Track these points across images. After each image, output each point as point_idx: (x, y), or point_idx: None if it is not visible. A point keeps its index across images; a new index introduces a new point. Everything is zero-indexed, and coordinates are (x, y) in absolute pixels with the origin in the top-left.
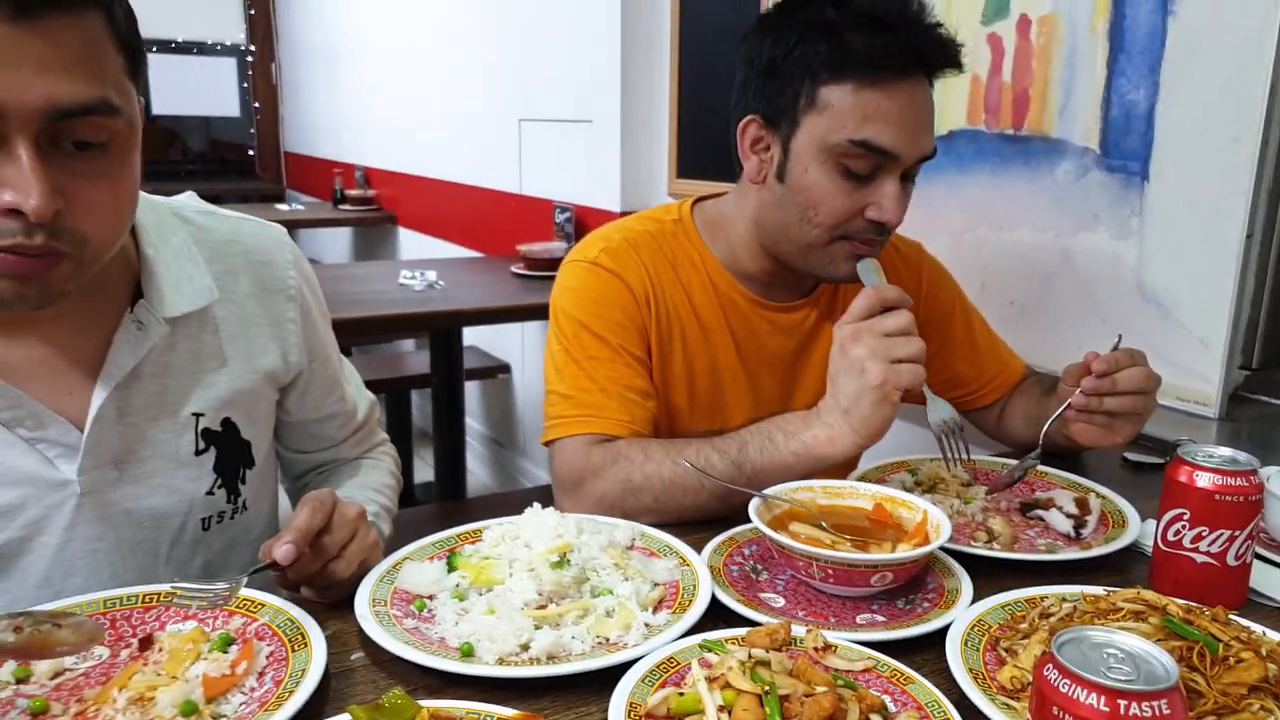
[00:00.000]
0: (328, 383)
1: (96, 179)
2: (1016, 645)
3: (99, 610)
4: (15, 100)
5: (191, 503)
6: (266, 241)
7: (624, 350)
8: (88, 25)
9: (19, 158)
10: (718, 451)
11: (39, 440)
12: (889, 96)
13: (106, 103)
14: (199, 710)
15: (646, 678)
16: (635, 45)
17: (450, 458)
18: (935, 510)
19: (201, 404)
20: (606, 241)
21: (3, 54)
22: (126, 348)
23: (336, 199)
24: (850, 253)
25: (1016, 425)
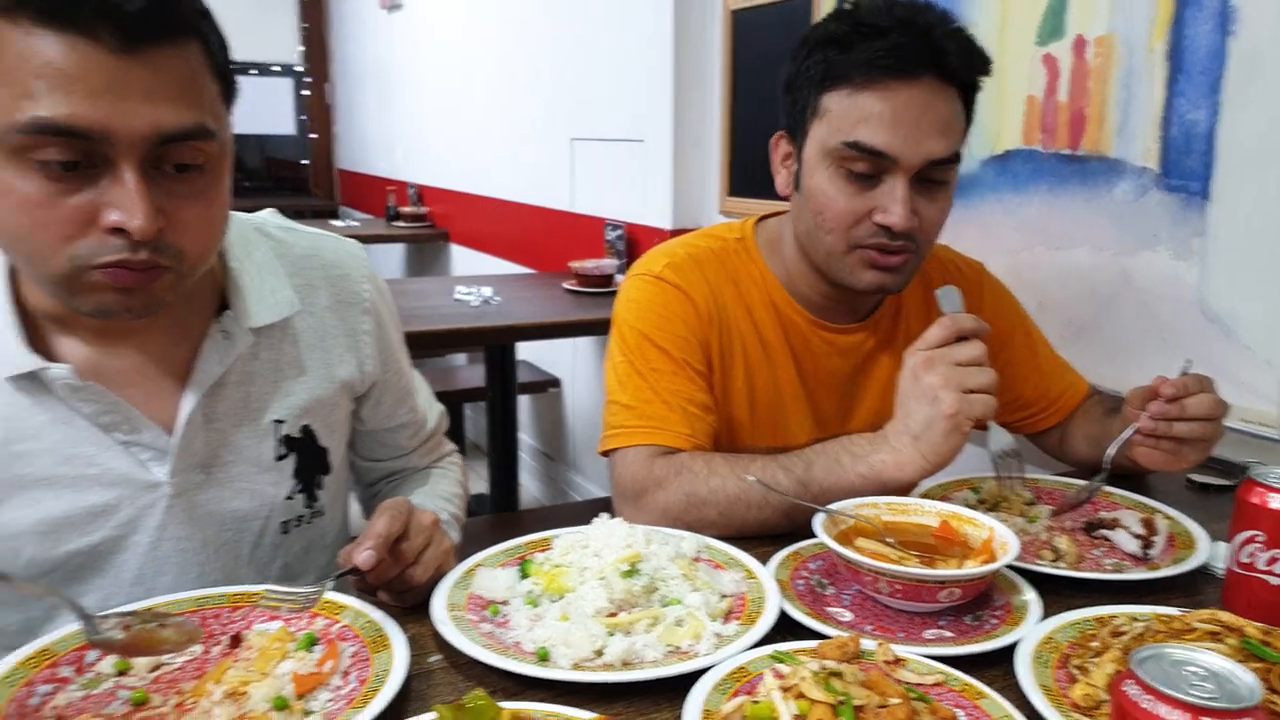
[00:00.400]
0: (400, 393)
1: (193, 198)
2: (1088, 663)
3: (190, 609)
4: (123, 127)
5: (272, 506)
6: (344, 256)
7: (686, 364)
8: (188, 55)
9: (125, 180)
10: (783, 469)
11: (133, 444)
12: (883, 99)
13: (205, 128)
14: (290, 705)
15: (719, 686)
16: (688, 64)
17: (504, 470)
18: (1002, 527)
19: (282, 411)
20: (671, 256)
21: (112, 83)
22: (214, 356)
23: (390, 216)
24: (867, 261)
25: (1078, 446)
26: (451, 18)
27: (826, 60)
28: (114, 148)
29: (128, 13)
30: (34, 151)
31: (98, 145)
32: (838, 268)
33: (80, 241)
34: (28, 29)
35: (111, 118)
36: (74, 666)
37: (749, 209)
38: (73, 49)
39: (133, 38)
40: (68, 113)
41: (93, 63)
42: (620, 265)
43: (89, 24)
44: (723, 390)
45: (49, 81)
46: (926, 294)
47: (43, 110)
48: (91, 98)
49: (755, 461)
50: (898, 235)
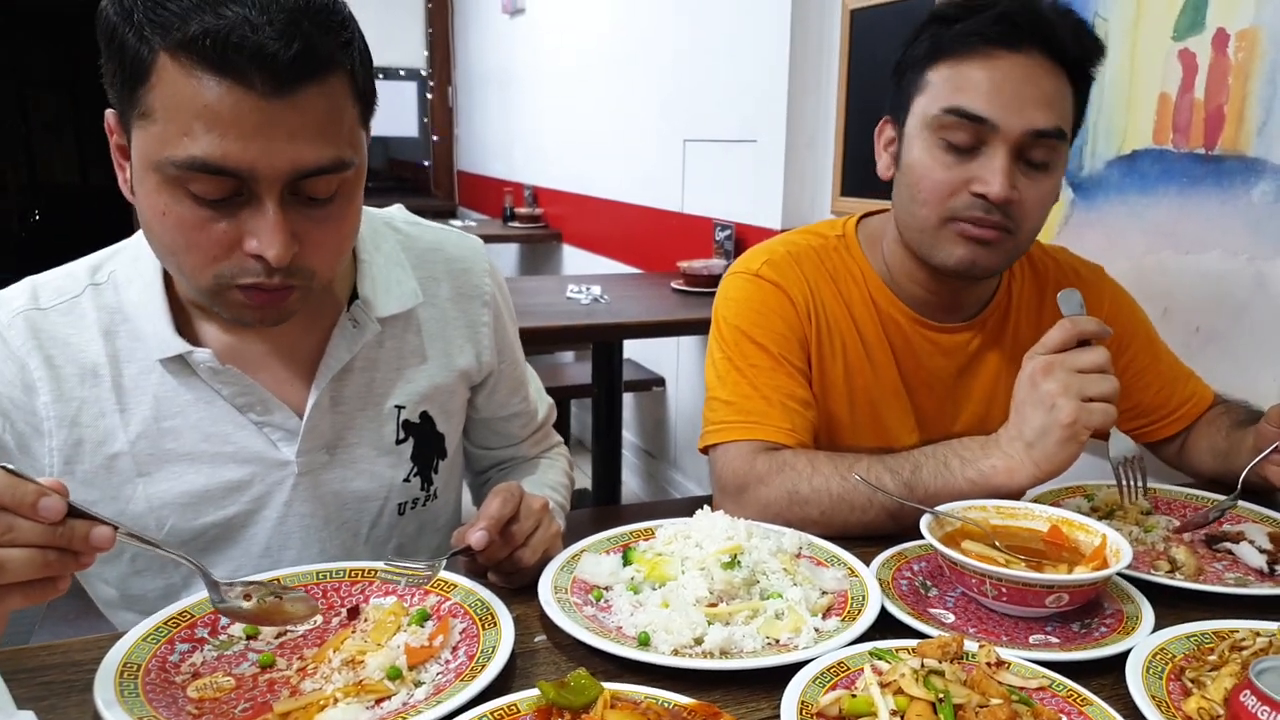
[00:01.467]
0: (513, 383)
1: (327, 222)
2: (1204, 677)
3: (312, 581)
4: (268, 166)
5: (390, 488)
6: (466, 251)
7: (785, 359)
8: (331, 90)
9: (266, 212)
10: (889, 470)
11: (265, 424)
12: (984, 67)
13: (341, 161)
14: (403, 675)
15: (818, 679)
16: (803, 64)
17: (607, 466)
18: (1115, 535)
19: (403, 397)
20: (770, 254)
21: (260, 126)
22: (343, 344)
23: (506, 216)
24: (961, 234)
25: (1201, 457)
26: (570, 22)
27: (933, 37)
28: (258, 183)
29: (280, 61)
30: (189, 184)
31: (244, 181)
32: (930, 243)
33: (224, 262)
34: (190, 69)
35: (258, 159)
36: (209, 628)
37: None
38: (229, 93)
39: (282, 82)
40: (220, 154)
41: (245, 107)
42: (727, 265)
43: (244, 71)
44: (821, 387)
45: (206, 123)
46: (1039, 296)
47: (198, 150)
48: (242, 140)
49: (860, 461)
50: (994, 208)
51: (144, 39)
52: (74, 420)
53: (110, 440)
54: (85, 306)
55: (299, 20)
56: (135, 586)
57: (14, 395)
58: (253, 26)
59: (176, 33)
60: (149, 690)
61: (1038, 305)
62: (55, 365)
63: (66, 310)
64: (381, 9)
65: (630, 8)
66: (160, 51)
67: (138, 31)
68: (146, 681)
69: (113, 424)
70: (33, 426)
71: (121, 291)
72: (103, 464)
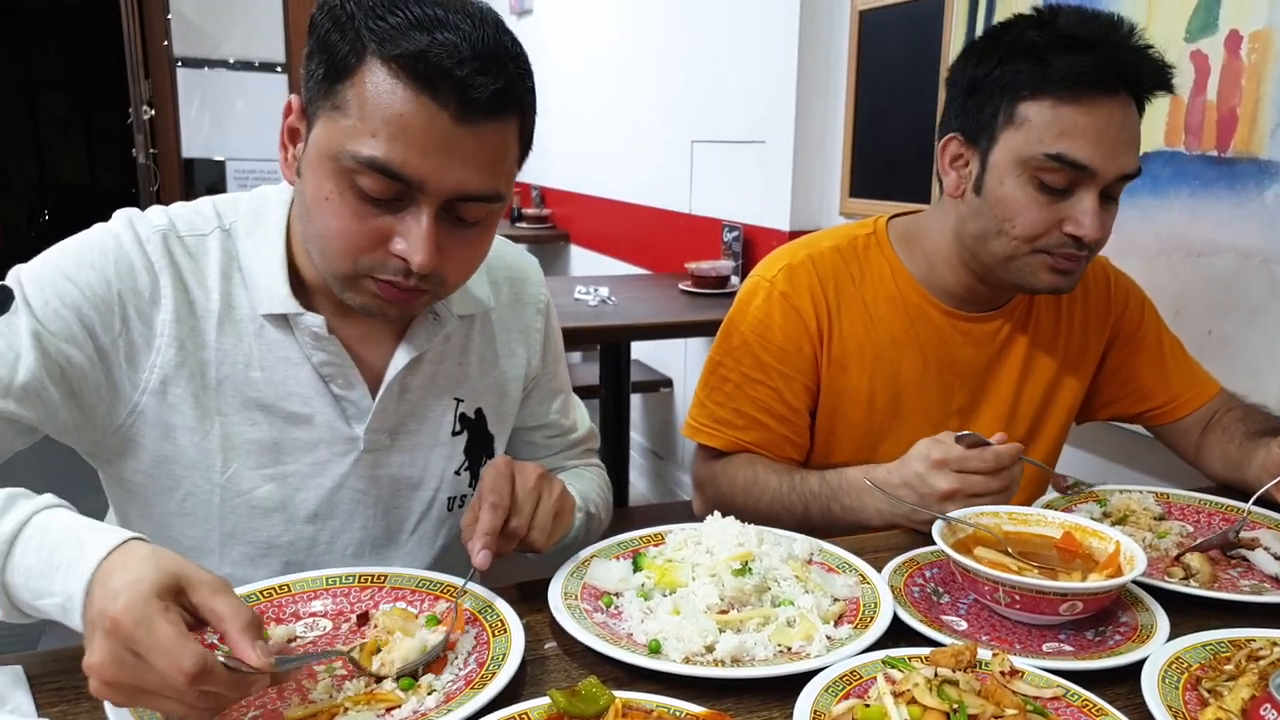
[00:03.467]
0: (547, 392)
1: (467, 243)
2: (1221, 687)
3: (322, 586)
4: (437, 182)
5: (442, 479)
6: (524, 262)
7: (778, 371)
8: (508, 128)
9: (422, 221)
10: (786, 510)
11: (343, 398)
12: (1087, 113)
13: (499, 194)
14: (417, 685)
15: (830, 687)
16: (812, 66)
17: (615, 467)
18: (1129, 541)
19: (463, 391)
20: (791, 258)
21: (443, 145)
22: (422, 333)
23: (514, 217)
24: (1049, 265)
25: (1213, 464)
26: (578, 23)
27: (1024, 69)
28: (423, 194)
29: (480, 94)
30: (358, 178)
31: (411, 189)
32: (1015, 269)
33: (368, 255)
34: (395, 78)
35: (432, 173)
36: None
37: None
38: (423, 108)
39: (472, 111)
40: (400, 161)
41: (436, 126)
42: (736, 267)
43: (444, 94)
44: (834, 396)
45: (394, 129)
46: None
47: (380, 153)
48: (423, 154)
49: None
50: (1084, 245)
51: (359, 40)
52: (182, 344)
53: (202, 374)
54: (211, 245)
55: (504, 62)
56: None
57: (141, 305)
58: (462, 59)
59: (391, 45)
60: None
61: (1056, 298)
62: (183, 288)
63: (196, 244)
64: None
65: (638, 9)
66: (372, 56)
67: (356, 32)
68: None
69: (207, 359)
70: (145, 339)
71: (239, 243)
72: (192, 393)
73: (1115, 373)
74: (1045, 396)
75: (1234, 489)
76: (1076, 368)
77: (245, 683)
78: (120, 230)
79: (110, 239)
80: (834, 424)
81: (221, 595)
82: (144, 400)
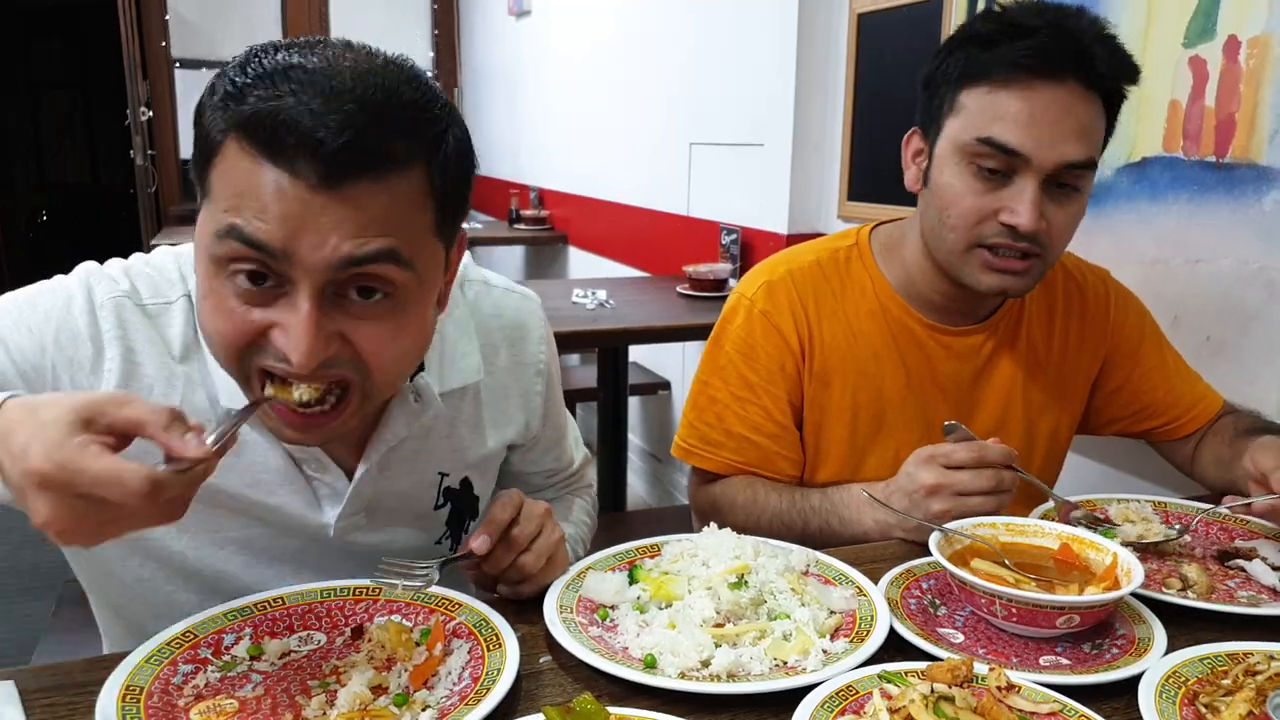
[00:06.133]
0: (549, 443)
1: (378, 322)
2: (1218, 702)
3: (316, 599)
4: (307, 254)
5: (420, 550)
6: (525, 316)
7: (764, 389)
8: (392, 188)
9: (299, 307)
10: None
11: (315, 479)
12: (1021, 98)
13: (393, 253)
14: (410, 701)
15: (826, 703)
16: (810, 68)
17: (613, 471)
18: (1126, 553)
19: (448, 465)
20: (770, 274)
21: (304, 214)
22: (402, 418)
23: (512, 219)
24: (985, 263)
25: (1206, 468)
26: (577, 24)
27: (968, 57)
28: (295, 269)
29: (328, 151)
30: (229, 263)
31: (282, 265)
32: (958, 266)
33: (253, 354)
34: (246, 150)
35: (296, 243)
36: (212, 649)
37: (869, 214)
38: (276, 178)
39: (332, 174)
40: (254, 229)
41: (290, 195)
42: (734, 270)
43: (292, 158)
44: (818, 413)
45: (250, 199)
46: (1048, 301)
47: (238, 220)
48: (281, 223)
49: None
50: (1022, 237)
51: (215, 120)
52: None
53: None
54: (175, 316)
55: (358, 112)
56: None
57: (77, 376)
58: (311, 115)
59: (236, 111)
60: (151, 714)
61: (1048, 310)
62: (134, 361)
63: (159, 312)
64: (387, 11)
65: (636, 10)
66: (227, 134)
67: (213, 113)
68: (149, 705)
69: None
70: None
71: None
72: None
73: (1118, 392)
74: (1036, 415)
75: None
76: (1070, 387)
77: (195, 476)
78: (75, 292)
79: (60, 300)
80: (819, 439)
81: (129, 404)
82: None
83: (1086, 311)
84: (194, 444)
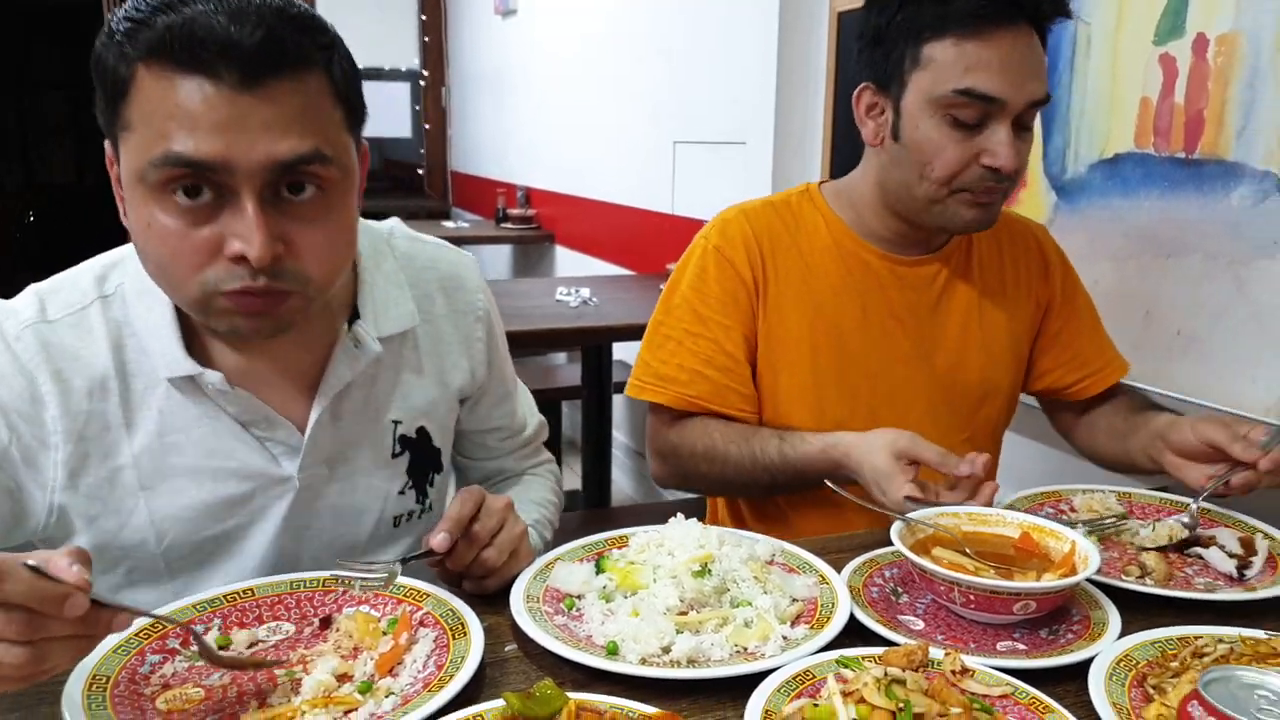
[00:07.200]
0: (497, 397)
1: (313, 222)
2: (1166, 683)
3: (285, 590)
4: (243, 158)
5: (385, 500)
6: (460, 269)
7: (718, 322)
8: (307, 87)
9: (245, 210)
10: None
11: (268, 440)
12: (989, 45)
13: (320, 154)
14: (374, 689)
15: (783, 688)
16: (791, 67)
17: (597, 467)
18: (1084, 541)
19: (400, 413)
20: (724, 216)
21: (232, 118)
22: (345, 362)
23: (499, 218)
24: (971, 202)
25: (1098, 436)
26: (562, 24)
27: (924, 10)
28: (235, 178)
29: (246, 51)
30: (169, 186)
31: (221, 176)
32: (938, 212)
33: (209, 270)
34: (160, 74)
35: (231, 150)
36: (180, 639)
37: None
38: (199, 89)
39: (251, 75)
40: (193, 147)
41: (216, 100)
42: None
43: (212, 65)
44: (778, 342)
45: (179, 121)
46: (995, 236)
47: (174, 146)
48: (214, 133)
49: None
50: (1004, 177)
51: (122, 55)
52: (80, 434)
53: (115, 454)
54: (94, 319)
55: (265, 15)
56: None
57: (22, 408)
58: (221, 23)
59: (145, 40)
60: (117, 702)
61: (996, 246)
62: (64, 379)
63: (75, 323)
64: (374, 10)
65: (620, 10)
66: (136, 64)
67: (117, 49)
68: (115, 694)
69: (118, 438)
70: (39, 440)
71: (130, 305)
72: (106, 477)
73: (1057, 336)
74: (994, 345)
75: (1118, 466)
76: (1023, 320)
77: (55, 596)
78: None
79: None
80: (777, 373)
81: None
82: (57, 498)
83: (1030, 254)
84: (73, 570)
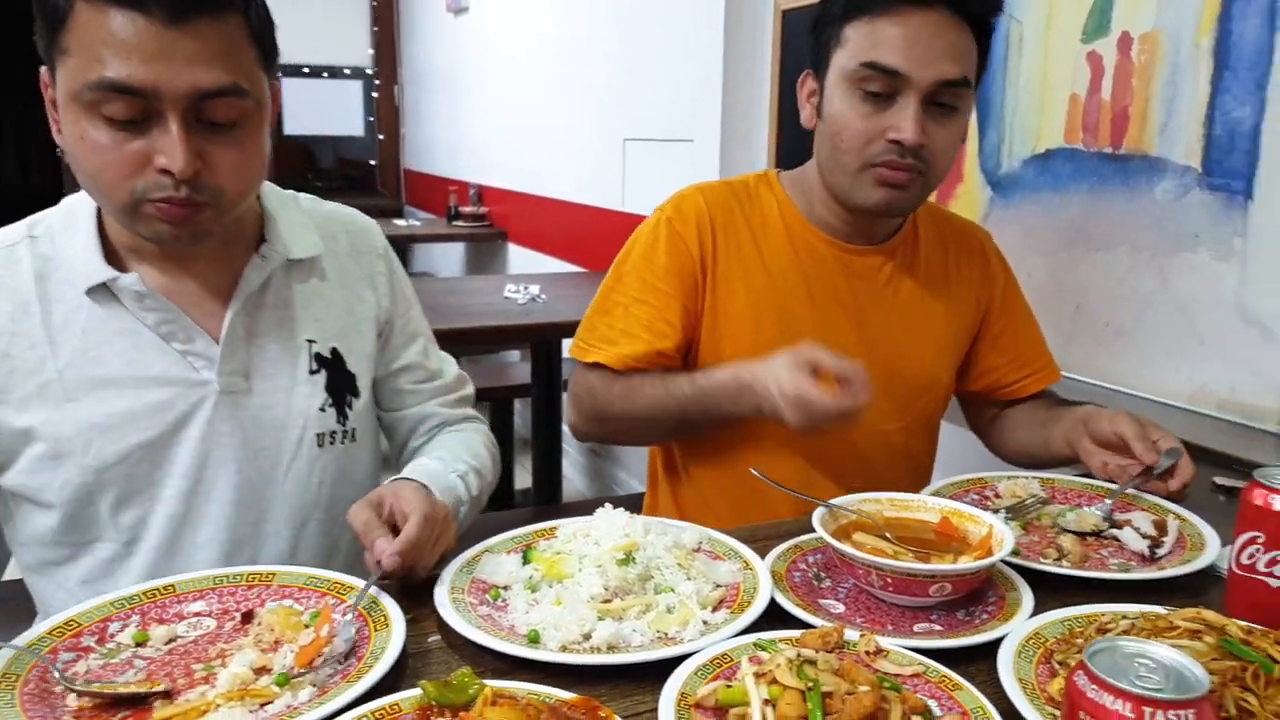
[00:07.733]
0: (407, 336)
1: (229, 145)
2: (1071, 659)
3: (208, 586)
4: (169, 86)
5: (306, 415)
6: (361, 219)
7: (660, 290)
8: (228, 26)
9: (170, 130)
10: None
11: (188, 352)
12: (897, 24)
13: (238, 87)
14: (291, 681)
15: (699, 671)
16: (737, 65)
17: (547, 464)
18: (1000, 525)
19: (313, 333)
20: (680, 192)
21: (161, 50)
22: (254, 273)
23: (451, 215)
24: (880, 180)
25: (1016, 431)
26: (513, 21)
27: None
28: (162, 103)
29: None
30: (102, 106)
31: (150, 101)
32: (851, 188)
33: (138, 179)
34: (96, 5)
35: (160, 78)
36: (96, 636)
37: None
38: (131, 22)
39: (179, 13)
40: (126, 74)
41: (147, 34)
42: None
43: (143, 2)
44: (724, 317)
45: (113, 49)
46: (941, 238)
47: (108, 72)
48: (146, 63)
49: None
50: (908, 151)
51: None
52: (5, 352)
53: (40, 370)
54: (20, 253)
55: None
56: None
57: None
58: None
59: None
60: (26, 701)
61: (940, 243)
62: None
63: (4, 256)
64: (327, 8)
65: (570, 8)
66: None
67: None
68: (24, 692)
69: (42, 354)
70: None
71: (56, 239)
72: (34, 391)
73: (998, 339)
74: (935, 339)
75: (1025, 456)
76: (964, 317)
77: None
78: None
79: None
80: (720, 345)
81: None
82: None
83: (974, 255)
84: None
